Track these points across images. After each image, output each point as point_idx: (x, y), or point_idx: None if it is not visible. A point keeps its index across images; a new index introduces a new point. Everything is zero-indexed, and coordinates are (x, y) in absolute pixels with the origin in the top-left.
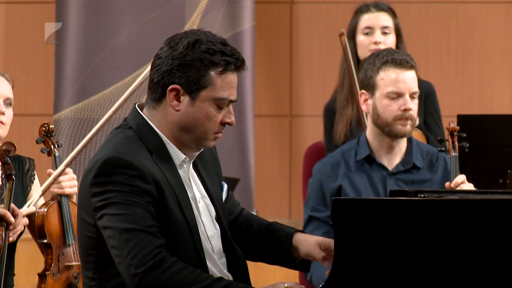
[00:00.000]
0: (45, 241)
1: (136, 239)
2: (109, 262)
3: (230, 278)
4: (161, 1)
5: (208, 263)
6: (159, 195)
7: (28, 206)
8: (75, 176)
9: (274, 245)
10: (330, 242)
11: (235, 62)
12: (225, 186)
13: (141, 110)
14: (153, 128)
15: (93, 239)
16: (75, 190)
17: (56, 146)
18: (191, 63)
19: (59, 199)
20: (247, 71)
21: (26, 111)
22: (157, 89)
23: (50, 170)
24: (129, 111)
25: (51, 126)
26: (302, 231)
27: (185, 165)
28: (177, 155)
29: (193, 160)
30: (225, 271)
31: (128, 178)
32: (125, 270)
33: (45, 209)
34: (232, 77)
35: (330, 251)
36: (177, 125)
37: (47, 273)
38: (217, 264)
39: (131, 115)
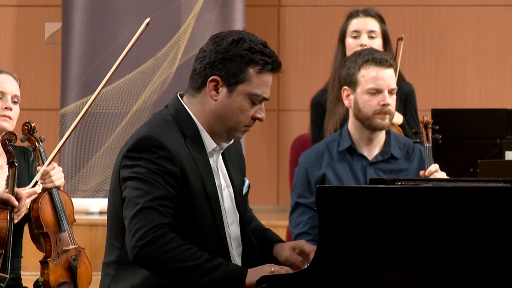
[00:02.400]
0: (43, 230)
1: (144, 214)
2: None
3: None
4: (159, 4)
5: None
6: (183, 179)
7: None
8: (61, 168)
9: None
10: (302, 243)
11: (272, 63)
12: (247, 182)
13: (181, 99)
14: (190, 115)
15: (121, 208)
16: (63, 180)
17: (39, 141)
18: (232, 58)
19: (50, 190)
20: None
21: (35, 106)
22: (198, 79)
23: (39, 167)
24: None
25: (33, 124)
26: (282, 241)
27: (215, 154)
28: (210, 143)
29: (222, 151)
30: (237, 258)
31: (157, 157)
32: (128, 241)
33: (39, 201)
34: (268, 76)
35: (304, 253)
36: (213, 114)
37: (48, 259)
38: (231, 251)
39: (172, 102)
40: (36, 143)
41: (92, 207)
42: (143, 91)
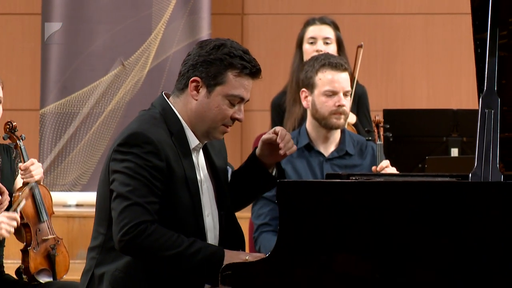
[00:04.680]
0: (23, 221)
1: (131, 210)
2: None
3: None
4: (131, 12)
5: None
6: (168, 172)
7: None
8: (40, 164)
9: (249, 172)
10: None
11: (250, 68)
12: (230, 170)
13: (168, 98)
14: (175, 113)
15: (109, 198)
16: (42, 175)
17: (21, 139)
18: (213, 61)
19: (30, 184)
20: None
21: (16, 107)
22: (182, 80)
23: (20, 165)
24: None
25: (14, 124)
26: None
27: (196, 151)
28: (193, 140)
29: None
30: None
31: (144, 152)
32: (115, 234)
33: (19, 194)
34: (245, 80)
35: (282, 138)
36: (194, 113)
37: (28, 248)
38: (208, 241)
39: (158, 100)
40: (18, 141)
41: (69, 200)
42: (117, 93)
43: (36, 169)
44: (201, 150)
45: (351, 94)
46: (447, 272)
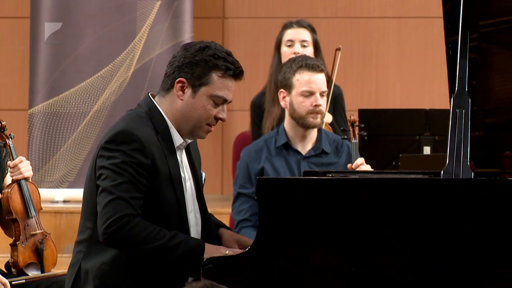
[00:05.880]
0: (12, 217)
1: (115, 204)
2: None
3: None
4: (116, 16)
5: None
6: (153, 169)
7: None
8: (28, 162)
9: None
10: (247, 243)
11: (234, 70)
12: (203, 175)
13: (153, 98)
14: (161, 113)
15: (95, 194)
16: (31, 173)
17: (10, 138)
18: (198, 63)
19: (19, 181)
20: None
21: (5, 106)
22: (167, 81)
23: (10, 162)
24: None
25: (3, 123)
26: (226, 226)
27: (180, 149)
28: (177, 139)
29: (186, 145)
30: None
31: (131, 149)
32: (99, 227)
33: (8, 190)
34: (229, 81)
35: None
36: (179, 112)
37: (17, 242)
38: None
39: (144, 100)
40: (7, 140)
41: (57, 196)
42: (102, 93)
43: (25, 167)
44: (184, 149)
45: (328, 95)
46: (420, 265)
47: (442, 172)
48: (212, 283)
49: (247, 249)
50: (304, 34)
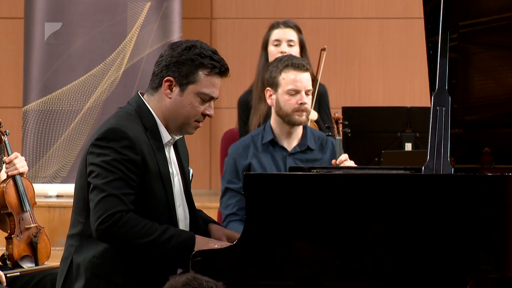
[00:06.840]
0: (7, 211)
1: (108, 201)
2: None
3: None
4: (107, 16)
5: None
6: (143, 165)
7: None
8: (23, 158)
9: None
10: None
11: (220, 67)
12: (191, 171)
13: (142, 96)
14: (149, 110)
15: (86, 189)
16: (26, 168)
17: (5, 135)
18: (184, 62)
19: (14, 176)
20: None
21: (0, 104)
22: (155, 80)
23: (5, 158)
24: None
25: None
26: (218, 223)
27: (168, 145)
28: (166, 135)
29: (174, 142)
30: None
31: (121, 146)
32: (92, 223)
33: (4, 185)
34: (215, 79)
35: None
36: (168, 110)
37: (12, 236)
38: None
39: (134, 98)
40: (2, 136)
41: (50, 191)
42: (94, 92)
43: (20, 162)
44: (172, 146)
45: (313, 93)
46: (402, 257)
47: (423, 168)
48: (195, 276)
49: (235, 242)
50: (291, 34)
